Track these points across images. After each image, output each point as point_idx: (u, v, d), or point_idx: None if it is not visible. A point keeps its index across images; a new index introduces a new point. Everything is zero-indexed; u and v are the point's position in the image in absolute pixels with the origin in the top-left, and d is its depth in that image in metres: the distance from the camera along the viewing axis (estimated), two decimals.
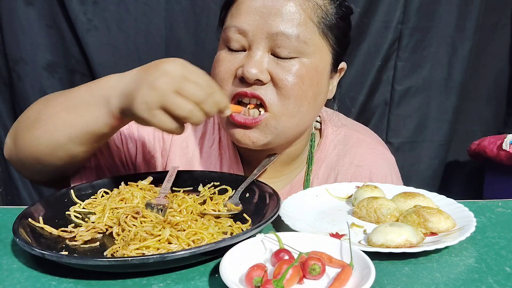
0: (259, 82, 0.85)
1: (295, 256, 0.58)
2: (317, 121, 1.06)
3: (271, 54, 0.85)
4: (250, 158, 0.99)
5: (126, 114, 0.74)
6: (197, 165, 1.00)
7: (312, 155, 1.01)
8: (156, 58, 1.95)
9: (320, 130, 1.05)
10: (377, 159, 1.01)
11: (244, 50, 0.87)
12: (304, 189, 0.99)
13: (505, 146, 1.69)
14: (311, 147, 1.02)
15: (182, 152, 1.00)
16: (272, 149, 0.95)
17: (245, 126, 0.86)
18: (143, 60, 1.75)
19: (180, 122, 0.71)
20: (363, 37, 1.79)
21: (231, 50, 0.87)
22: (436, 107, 1.89)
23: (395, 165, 1.05)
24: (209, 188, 0.87)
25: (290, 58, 0.84)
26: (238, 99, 0.87)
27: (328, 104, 1.04)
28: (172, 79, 0.69)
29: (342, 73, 0.98)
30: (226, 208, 0.76)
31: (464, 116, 1.96)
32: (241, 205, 0.78)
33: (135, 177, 0.88)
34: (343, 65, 0.96)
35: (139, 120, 0.72)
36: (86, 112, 0.77)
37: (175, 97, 0.69)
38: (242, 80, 0.85)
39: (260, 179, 0.96)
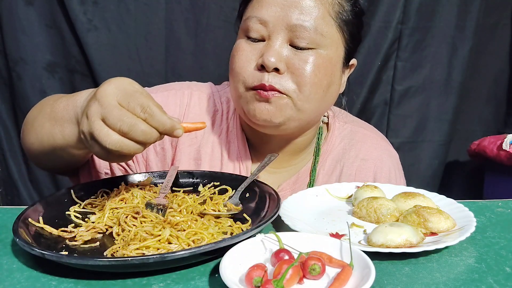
0: (277, 71, 0.87)
1: (295, 256, 0.58)
2: (324, 116, 1.09)
3: (290, 44, 0.88)
4: (258, 147, 1.02)
5: None
6: (205, 155, 1.01)
7: (319, 146, 1.05)
8: (156, 58, 1.96)
9: (327, 124, 1.08)
10: (382, 154, 1.04)
11: (263, 40, 0.90)
12: (310, 179, 1.02)
13: (505, 146, 1.69)
14: (318, 139, 1.05)
15: (191, 142, 1.01)
16: (281, 137, 0.97)
17: (266, 100, 0.88)
18: (143, 60, 1.75)
19: (116, 153, 0.65)
20: (363, 37, 1.79)
21: (250, 39, 0.90)
22: (436, 107, 1.89)
23: (398, 161, 1.08)
24: (209, 188, 0.87)
25: (308, 48, 0.88)
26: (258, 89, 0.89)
27: (337, 99, 1.05)
28: (100, 106, 0.65)
29: (352, 69, 1.02)
30: (226, 208, 0.76)
31: (464, 116, 1.96)
32: (241, 205, 0.78)
33: (135, 177, 0.88)
34: (353, 61, 1.00)
35: None
36: (64, 127, 0.78)
37: (101, 128, 0.64)
38: (260, 69, 0.88)
39: (266, 169, 0.98)
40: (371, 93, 1.87)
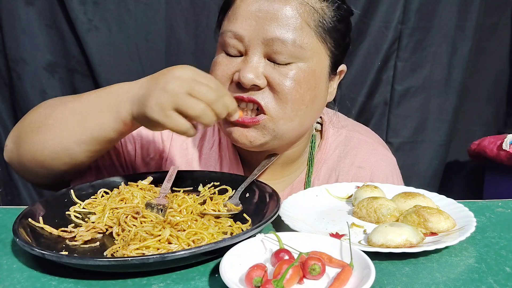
0: (256, 87, 0.84)
1: (295, 256, 0.58)
2: (318, 123, 1.05)
3: (268, 59, 0.85)
4: (250, 159, 0.99)
5: (138, 119, 0.76)
6: (196, 167, 0.99)
7: (312, 156, 1.01)
8: (156, 58, 1.95)
9: (320, 131, 1.05)
10: (378, 160, 1.01)
11: (241, 55, 0.86)
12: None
13: (505, 146, 1.69)
14: (311, 148, 1.01)
15: (182, 153, 0.99)
16: (270, 150, 0.94)
17: (243, 125, 0.86)
18: (143, 60, 1.75)
19: (192, 122, 0.74)
20: (363, 37, 1.80)
21: (228, 54, 0.87)
22: (436, 107, 1.89)
23: (396, 166, 1.05)
24: (209, 188, 0.87)
25: (287, 64, 0.84)
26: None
27: (329, 106, 1.03)
28: (183, 81, 0.72)
29: (342, 76, 0.97)
30: (226, 208, 0.76)
31: (464, 116, 1.96)
32: (241, 205, 0.78)
33: (135, 177, 0.88)
34: (342, 67, 0.95)
35: (152, 124, 0.75)
36: (96, 117, 0.79)
37: (188, 98, 0.71)
38: (239, 85, 0.85)
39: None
40: (371, 93, 1.87)
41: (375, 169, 1.00)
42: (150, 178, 0.88)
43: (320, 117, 1.05)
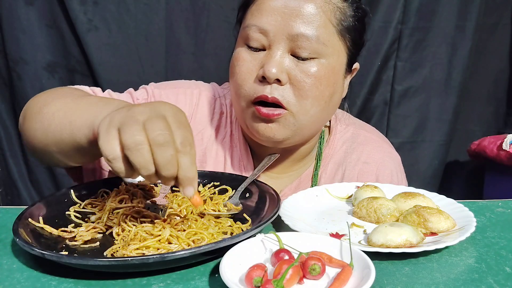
0: (278, 82, 0.86)
1: (295, 256, 0.58)
2: None
3: (291, 54, 0.87)
4: (260, 152, 1.01)
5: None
6: (209, 157, 1.01)
7: (321, 151, 1.04)
8: (156, 58, 1.97)
9: (329, 127, 1.08)
10: (384, 157, 1.03)
11: (264, 49, 0.88)
12: (312, 184, 1.02)
13: (505, 146, 1.69)
14: (320, 143, 1.04)
15: (198, 143, 1.01)
16: (286, 147, 0.96)
17: (267, 120, 0.88)
18: (143, 60, 1.76)
19: (125, 160, 0.58)
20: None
21: (250, 48, 0.89)
22: (436, 107, 1.89)
23: (400, 163, 1.07)
24: (209, 188, 0.87)
25: (310, 59, 0.86)
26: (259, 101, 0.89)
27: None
28: (151, 110, 0.60)
29: (355, 73, 1.00)
30: (226, 208, 0.76)
31: (464, 116, 1.96)
32: (241, 205, 0.78)
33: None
34: (356, 65, 0.98)
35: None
36: (75, 121, 0.73)
37: (135, 124, 0.58)
38: (262, 80, 0.87)
39: (268, 174, 0.98)
40: (371, 93, 1.87)
41: (380, 165, 1.02)
42: None
43: None
